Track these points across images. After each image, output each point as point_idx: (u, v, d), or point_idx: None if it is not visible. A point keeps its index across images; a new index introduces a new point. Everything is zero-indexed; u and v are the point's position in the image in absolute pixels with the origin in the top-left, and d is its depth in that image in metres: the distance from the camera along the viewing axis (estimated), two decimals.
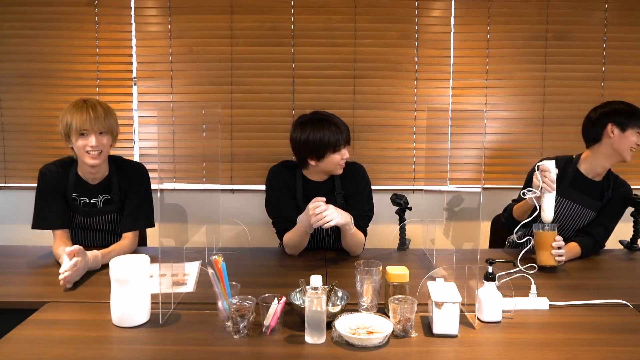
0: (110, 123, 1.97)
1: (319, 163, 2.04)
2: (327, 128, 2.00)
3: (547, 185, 1.88)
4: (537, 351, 1.33)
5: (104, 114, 1.95)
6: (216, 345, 1.35)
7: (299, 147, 2.05)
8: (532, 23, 2.98)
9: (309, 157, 2.04)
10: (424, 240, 2.28)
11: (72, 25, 2.96)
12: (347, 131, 2.05)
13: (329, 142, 1.98)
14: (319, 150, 2.00)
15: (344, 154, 2.04)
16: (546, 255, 1.90)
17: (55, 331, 1.41)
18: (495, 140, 3.08)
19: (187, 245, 2.71)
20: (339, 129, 2.01)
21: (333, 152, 2.01)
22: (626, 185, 2.19)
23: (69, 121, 1.92)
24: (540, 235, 1.92)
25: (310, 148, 2.01)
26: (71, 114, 1.92)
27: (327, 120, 2.03)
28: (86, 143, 1.92)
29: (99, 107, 1.95)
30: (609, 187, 2.15)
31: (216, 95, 3.00)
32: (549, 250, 1.90)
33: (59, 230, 2.03)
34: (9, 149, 3.05)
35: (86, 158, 1.95)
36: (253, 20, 2.96)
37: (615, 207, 2.16)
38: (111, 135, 1.99)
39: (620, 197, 2.16)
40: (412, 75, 3.02)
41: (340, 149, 2.02)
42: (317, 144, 1.99)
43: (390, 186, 3.06)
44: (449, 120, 3.04)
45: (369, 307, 1.53)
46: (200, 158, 3.02)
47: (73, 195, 2.05)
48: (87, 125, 1.91)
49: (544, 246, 1.91)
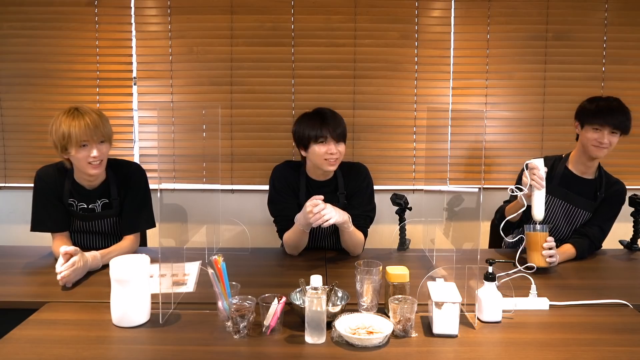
0: (108, 129, 1.92)
1: (308, 155, 2.06)
2: (315, 120, 2.01)
3: (536, 183, 1.89)
4: (537, 351, 1.33)
5: (101, 121, 1.88)
6: (216, 345, 1.35)
7: (294, 139, 2.10)
8: (532, 23, 2.98)
9: (299, 148, 2.08)
10: (424, 240, 2.28)
11: (72, 25, 2.96)
12: (340, 127, 2.01)
13: (310, 131, 2.00)
14: (302, 140, 2.03)
15: (331, 148, 1.99)
16: (537, 256, 1.89)
17: (55, 331, 1.41)
18: (495, 140, 3.08)
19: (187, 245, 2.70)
20: (325, 122, 1.99)
21: (315, 142, 2.00)
22: (620, 184, 2.17)
23: (65, 132, 1.83)
24: (531, 236, 1.91)
25: (296, 137, 2.06)
26: (67, 125, 1.84)
27: (320, 113, 2.04)
28: (88, 154, 1.87)
29: (94, 114, 1.88)
30: (602, 186, 2.13)
31: (216, 95, 3.00)
32: (539, 251, 1.89)
33: (57, 233, 2.03)
34: (9, 149, 3.05)
35: (88, 169, 1.91)
36: (253, 20, 2.96)
37: (610, 206, 2.14)
38: (109, 142, 1.95)
39: (615, 196, 2.14)
40: (412, 75, 3.02)
41: (323, 141, 1.99)
42: (300, 133, 2.03)
43: (390, 186, 3.06)
44: (449, 120, 3.04)
45: (369, 307, 1.53)
46: (200, 158, 3.02)
47: (70, 200, 2.02)
48: (87, 135, 1.84)
49: (534, 247, 1.90)
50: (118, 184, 2.06)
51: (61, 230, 2.03)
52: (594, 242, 2.12)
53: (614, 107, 2.03)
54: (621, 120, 2.01)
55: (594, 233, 2.12)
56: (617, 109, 2.03)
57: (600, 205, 2.14)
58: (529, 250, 1.93)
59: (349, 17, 2.96)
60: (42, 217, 2.01)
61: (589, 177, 2.15)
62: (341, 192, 2.13)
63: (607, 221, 2.15)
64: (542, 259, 1.88)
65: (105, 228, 2.10)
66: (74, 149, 1.86)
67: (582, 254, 2.07)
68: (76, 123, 1.84)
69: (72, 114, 1.87)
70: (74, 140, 1.84)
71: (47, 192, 2.01)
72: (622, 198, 2.16)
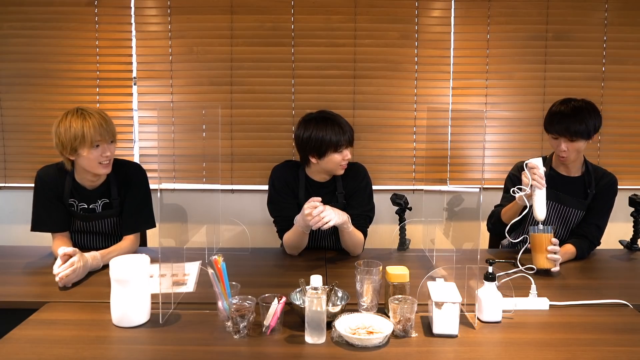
0: (114, 129, 1.95)
1: (320, 161, 2.04)
2: (331, 127, 2.00)
3: (537, 182, 1.86)
4: (537, 351, 1.33)
5: (108, 120, 1.92)
6: (216, 345, 1.35)
7: (301, 144, 2.05)
8: (532, 23, 2.98)
9: (310, 155, 2.04)
10: (424, 240, 2.28)
11: (72, 25, 2.96)
12: (351, 132, 2.05)
13: (331, 141, 1.99)
14: (320, 148, 2.00)
15: (346, 154, 2.04)
16: (542, 258, 1.87)
17: (55, 331, 1.41)
18: (495, 140, 3.08)
19: (187, 245, 2.70)
20: (342, 130, 2.01)
21: (334, 151, 2.01)
22: (608, 175, 2.12)
23: (78, 133, 1.83)
24: (536, 238, 1.89)
25: (312, 145, 2.01)
26: (79, 125, 1.84)
27: (332, 119, 2.03)
28: (100, 154, 1.89)
29: (101, 114, 1.91)
30: (591, 182, 2.11)
31: (216, 95, 3.00)
32: (544, 253, 1.87)
33: (58, 233, 2.03)
34: (9, 149, 3.05)
35: (99, 169, 1.93)
36: (253, 20, 2.96)
37: (603, 201, 2.11)
38: (116, 141, 1.97)
39: (605, 190, 2.10)
40: (412, 75, 3.02)
41: (342, 149, 2.02)
42: (319, 141, 1.99)
43: (390, 186, 3.06)
44: (449, 120, 3.04)
45: (369, 307, 1.53)
46: (200, 158, 3.02)
47: (70, 200, 2.02)
48: (100, 135, 1.87)
49: (539, 249, 1.88)
50: (118, 184, 2.06)
51: (61, 231, 2.03)
52: (593, 241, 2.11)
53: (568, 114, 1.96)
54: (576, 129, 1.94)
55: (592, 232, 2.11)
56: (572, 115, 1.95)
57: (593, 201, 2.12)
58: (534, 252, 1.90)
59: (349, 17, 2.96)
60: (43, 217, 2.01)
61: (575, 175, 2.13)
62: (340, 192, 2.13)
63: (602, 218, 2.13)
64: (547, 261, 1.87)
65: (105, 228, 2.10)
66: (87, 149, 1.87)
67: (582, 253, 2.07)
68: (88, 124, 1.85)
69: (80, 115, 1.87)
70: (87, 140, 1.85)
71: (47, 192, 2.00)
72: (613, 190, 2.12)
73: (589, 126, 1.96)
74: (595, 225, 2.12)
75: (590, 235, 2.10)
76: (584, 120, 1.95)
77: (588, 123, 1.95)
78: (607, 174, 2.14)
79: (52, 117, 1.93)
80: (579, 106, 1.99)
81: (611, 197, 2.13)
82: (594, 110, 1.99)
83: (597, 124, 1.99)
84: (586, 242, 2.09)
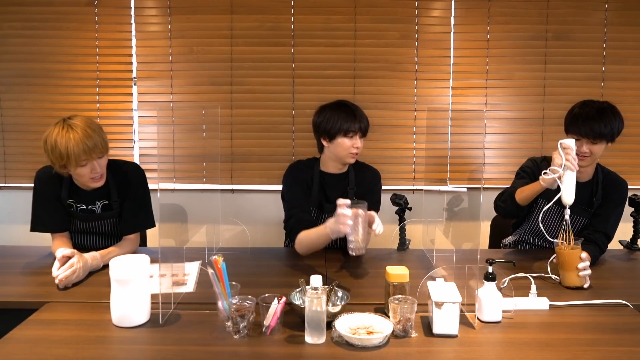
0: (103, 140, 1.86)
1: (330, 145, 2.05)
2: (344, 112, 2.02)
3: (571, 163, 1.75)
4: (537, 351, 1.33)
5: (96, 135, 1.82)
6: (216, 345, 1.35)
7: (315, 127, 2.07)
8: (532, 23, 2.98)
9: (322, 137, 2.06)
10: (424, 240, 2.28)
11: (72, 25, 2.96)
12: (365, 123, 2.04)
13: (342, 124, 1.99)
14: (331, 130, 2.01)
15: (356, 142, 2.03)
16: (572, 276, 1.73)
17: (55, 331, 1.41)
18: (495, 140, 3.08)
19: (187, 245, 2.70)
20: (355, 116, 2.02)
21: (344, 135, 2.01)
22: (618, 183, 2.08)
23: (62, 153, 1.77)
24: (564, 255, 1.74)
25: (324, 127, 2.03)
26: (63, 145, 1.77)
27: (347, 105, 2.05)
28: (88, 171, 1.86)
29: (88, 130, 1.81)
30: (598, 191, 2.06)
31: (216, 95, 3.00)
32: (574, 271, 1.72)
33: (57, 233, 2.02)
34: (9, 149, 3.05)
35: (90, 183, 1.92)
36: (253, 20, 2.96)
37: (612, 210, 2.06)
38: (107, 152, 1.91)
39: (614, 198, 2.06)
40: (412, 75, 3.02)
41: (353, 135, 2.02)
42: (330, 123, 2.01)
43: (390, 186, 3.05)
44: (449, 120, 3.04)
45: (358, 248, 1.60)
46: (200, 158, 3.02)
47: (69, 201, 2.02)
48: (85, 154, 1.80)
49: (569, 266, 1.73)
50: (117, 185, 2.05)
51: (61, 231, 2.03)
52: (602, 248, 2.04)
53: (592, 115, 1.91)
54: (600, 131, 1.89)
55: (602, 239, 2.03)
56: (597, 117, 1.90)
57: (602, 208, 2.06)
58: (562, 269, 1.76)
59: (348, 17, 2.96)
60: (42, 217, 2.01)
61: (584, 181, 2.07)
62: (351, 187, 2.13)
63: (612, 227, 2.06)
64: (579, 279, 1.73)
65: (105, 228, 2.10)
66: (73, 168, 1.84)
67: (594, 262, 1.98)
68: (71, 143, 1.77)
69: (67, 131, 1.79)
70: (73, 161, 1.80)
71: (46, 193, 2.00)
72: (622, 198, 2.08)
73: (614, 128, 1.92)
74: (604, 234, 2.04)
75: (601, 242, 2.03)
76: (609, 122, 1.91)
77: (613, 125, 1.92)
78: (617, 182, 2.09)
79: (52, 117, 1.92)
80: (602, 108, 1.94)
81: (618, 205, 2.07)
82: (617, 112, 1.96)
83: (620, 127, 1.95)
84: (597, 249, 2.01)
